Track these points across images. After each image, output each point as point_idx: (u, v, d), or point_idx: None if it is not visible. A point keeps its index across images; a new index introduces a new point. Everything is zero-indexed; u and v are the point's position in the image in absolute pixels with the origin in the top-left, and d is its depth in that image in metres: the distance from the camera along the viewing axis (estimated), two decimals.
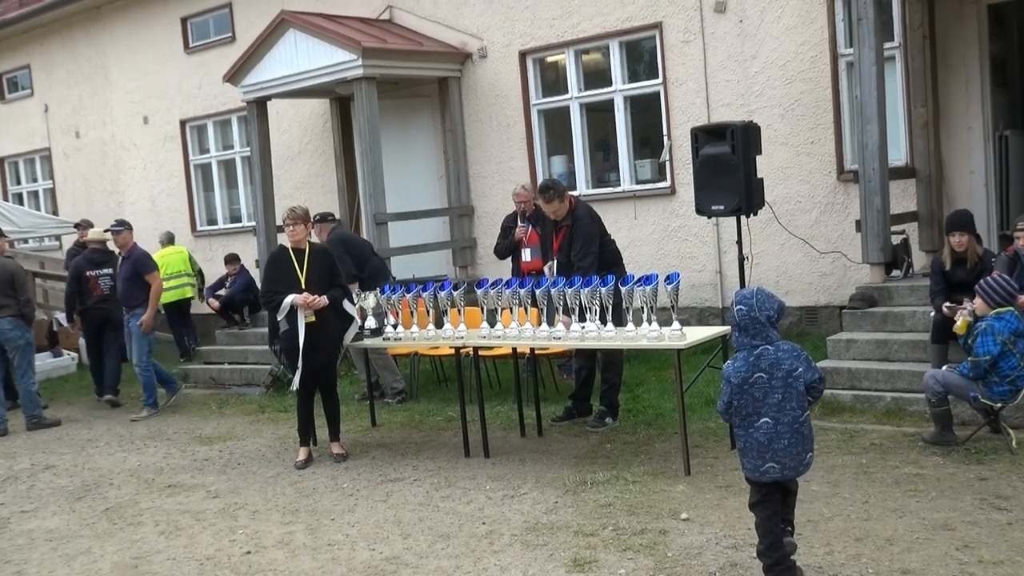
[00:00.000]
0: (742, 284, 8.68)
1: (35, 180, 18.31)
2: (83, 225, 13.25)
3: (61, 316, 12.14)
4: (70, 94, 16.90)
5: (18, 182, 18.64)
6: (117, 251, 10.51)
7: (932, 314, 7.23)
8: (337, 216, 10.63)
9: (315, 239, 8.68)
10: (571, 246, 7.62)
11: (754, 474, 4.46)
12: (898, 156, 9.14)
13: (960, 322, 6.48)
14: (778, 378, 4.39)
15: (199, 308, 13.74)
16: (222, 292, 12.65)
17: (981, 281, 6.44)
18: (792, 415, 4.39)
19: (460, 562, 5.21)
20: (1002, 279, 6.37)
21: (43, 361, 12.25)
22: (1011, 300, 6.30)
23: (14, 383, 10.26)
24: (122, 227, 10.35)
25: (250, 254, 12.97)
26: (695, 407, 7.86)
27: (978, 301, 6.41)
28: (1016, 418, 6.55)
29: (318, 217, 9.52)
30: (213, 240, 14.90)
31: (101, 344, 10.80)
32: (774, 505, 4.47)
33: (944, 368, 6.65)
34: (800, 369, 4.41)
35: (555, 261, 7.79)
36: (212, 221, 15.30)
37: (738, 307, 4.42)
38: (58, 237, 16.96)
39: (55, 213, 16.95)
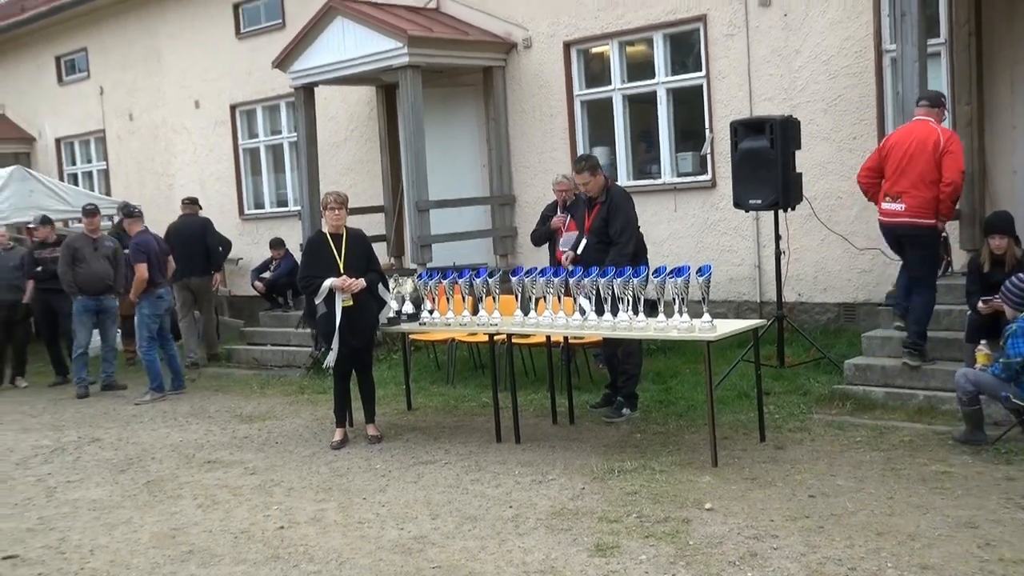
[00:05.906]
0: (778, 279, 8.70)
1: (90, 161, 18.72)
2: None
3: None
4: (124, 77, 17.24)
5: (73, 163, 19.08)
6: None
7: (968, 313, 7.19)
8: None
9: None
10: (607, 224, 7.64)
11: None
12: None
13: (979, 356, 6.57)
14: None
15: (245, 290, 14.00)
16: (267, 275, 12.90)
17: (1004, 284, 6.44)
18: None
19: (485, 543, 5.32)
20: (1020, 280, 6.36)
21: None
22: None
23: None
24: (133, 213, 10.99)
25: (295, 238, 13.17)
26: (727, 400, 7.90)
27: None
28: None
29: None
30: (260, 224, 15.16)
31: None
32: None
33: (976, 367, 6.63)
34: None
35: (584, 241, 7.80)
36: (259, 205, 15.54)
37: None
38: (110, 217, 17.32)
39: (108, 194, 17.29)
